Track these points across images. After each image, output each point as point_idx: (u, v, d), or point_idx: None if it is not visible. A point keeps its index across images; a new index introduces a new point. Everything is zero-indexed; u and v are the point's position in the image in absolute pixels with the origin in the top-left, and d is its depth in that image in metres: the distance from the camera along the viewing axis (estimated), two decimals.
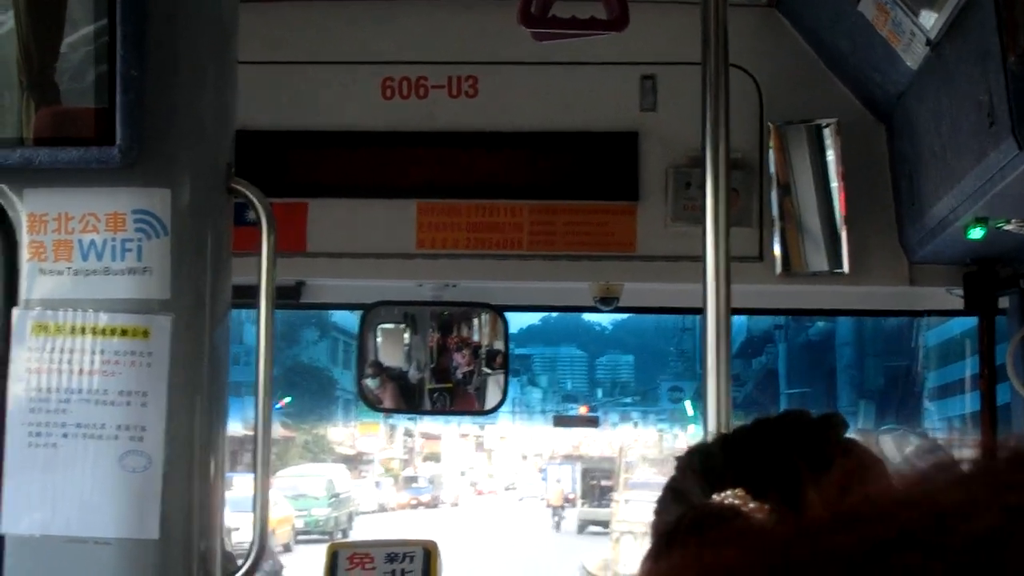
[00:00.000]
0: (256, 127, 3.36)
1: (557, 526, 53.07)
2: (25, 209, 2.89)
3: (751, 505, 1.52)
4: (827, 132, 4.39)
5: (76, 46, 2.84)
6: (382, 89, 4.54)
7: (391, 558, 3.74)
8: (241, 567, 2.98)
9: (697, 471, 1.67)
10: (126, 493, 2.82)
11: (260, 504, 3.00)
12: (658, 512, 1.72)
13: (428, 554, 3.75)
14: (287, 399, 57.45)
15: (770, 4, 4.51)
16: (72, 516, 2.83)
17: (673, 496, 1.71)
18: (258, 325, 3.02)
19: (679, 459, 1.74)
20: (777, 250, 4.39)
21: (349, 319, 61.67)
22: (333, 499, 47.22)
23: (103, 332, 2.85)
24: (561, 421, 66.13)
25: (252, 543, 2.97)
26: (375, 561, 3.75)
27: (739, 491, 1.54)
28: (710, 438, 1.69)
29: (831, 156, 4.38)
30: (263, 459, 3.02)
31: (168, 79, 2.88)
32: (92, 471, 2.83)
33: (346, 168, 4.54)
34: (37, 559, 2.85)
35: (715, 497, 1.56)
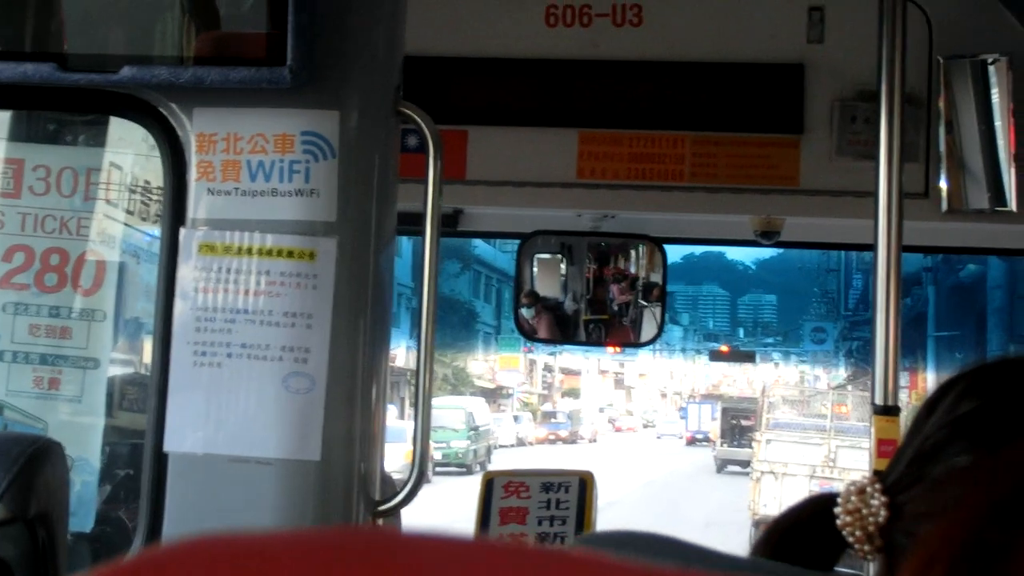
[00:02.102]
0: (417, 53, 3.34)
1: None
2: (194, 129, 2.91)
3: None
4: (993, 69, 4.28)
5: None
6: (546, 16, 4.50)
7: (547, 487, 3.73)
8: (401, 491, 2.98)
9: None
10: (289, 414, 2.83)
11: (421, 431, 3.00)
12: None
13: (584, 484, 3.74)
14: None
15: None
16: (235, 436, 2.85)
17: None
18: (423, 252, 3.01)
19: None
20: (944, 187, 4.29)
21: (489, 251, 61.96)
22: (472, 432, 47.44)
23: (269, 253, 2.86)
24: (717, 356, 66.07)
25: (412, 468, 2.97)
26: (530, 490, 3.74)
27: None
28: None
29: (996, 92, 4.27)
30: (425, 387, 3.01)
31: (340, 0, 2.87)
32: (256, 391, 2.85)
33: (507, 96, 4.51)
34: (199, 477, 2.87)
35: None
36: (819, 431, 31.34)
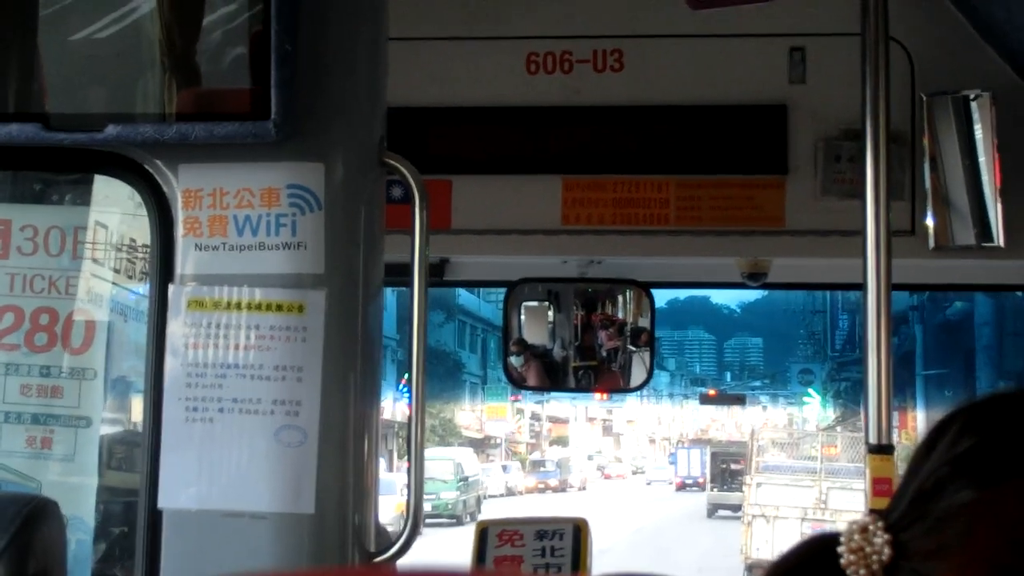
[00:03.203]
0: (400, 103, 3.35)
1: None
2: (180, 185, 2.91)
3: None
4: (975, 104, 4.29)
5: (217, 24, 2.85)
6: (527, 64, 4.51)
7: (541, 535, 3.72)
8: (396, 542, 2.97)
9: None
10: (282, 468, 2.83)
11: (415, 482, 3.00)
12: None
13: (578, 531, 3.72)
14: None
15: None
16: (228, 490, 2.84)
17: None
18: (411, 302, 3.01)
19: None
20: (930, 224, 4.30)
21: (474, 301, 62.01)
22: (461, 483, 47.31)
23: (258, 307, 2.86)
24: (707, 399, 66.26)
25: (407, 519, 2.96)
26: (524, 538, 3.72)
27: None
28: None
29: (979, 127, 4.28)
30: (418, 438, 3.01)
31: (321, 53, 2.88)
32: (248, 446, 2.84)
33: (491, 144, 4.52)
34: (194, 533, 2.87)
35: None
36: (809, 473, 31.31)
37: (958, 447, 1.40)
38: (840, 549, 1.41)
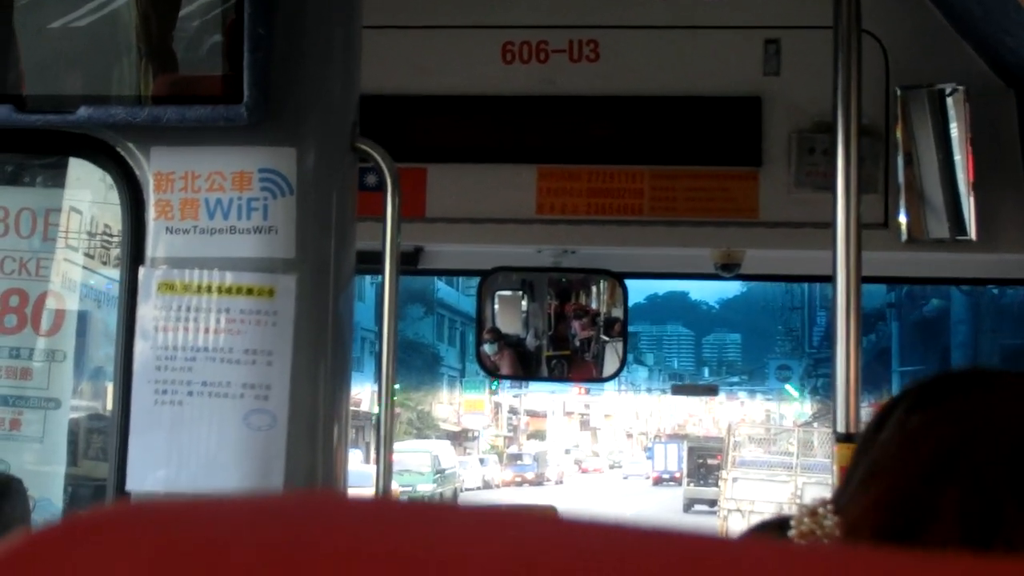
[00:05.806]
0: (375, 91, 3.35)
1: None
2: (152, 168, 2.90)
3: None
4: (951, 100, 4.30)
5: (194, 14, 2.85)
6: (502, 54, 4.52)
7: None
8: None
9: None
10: (251, 451, 2.82)
11: (383, 470, 3.00)
12: None
13: None
14: None
15: None
16: (197, 474, 2.84)
17: None
18: (381, 290, 3.01)
19: None
20: (903, 218, 4.31)
21: (453, 295, 61.97)
22: (438, 475, 47.32)
23: (228, 291, 2.86)
24: (680, 390, 66.47)
25: None
26: None
27: None
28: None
29: (954, 121, 4.29)
30: (387, 427, 3.01)
31: (294, 38, 2.88)
32: (217, 429, 2.84)
33: (466, 133, 4.52)
34: None
35: None
36: (785, 468, 31.43)
37: (907, 425, 1.41)
38: (791, 533, 1.41)
